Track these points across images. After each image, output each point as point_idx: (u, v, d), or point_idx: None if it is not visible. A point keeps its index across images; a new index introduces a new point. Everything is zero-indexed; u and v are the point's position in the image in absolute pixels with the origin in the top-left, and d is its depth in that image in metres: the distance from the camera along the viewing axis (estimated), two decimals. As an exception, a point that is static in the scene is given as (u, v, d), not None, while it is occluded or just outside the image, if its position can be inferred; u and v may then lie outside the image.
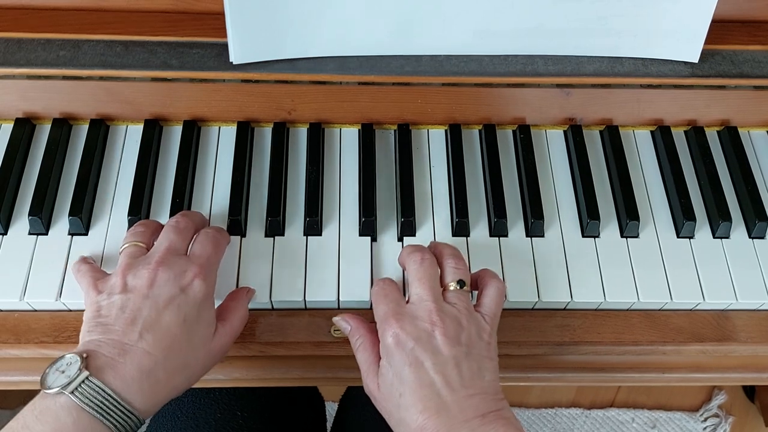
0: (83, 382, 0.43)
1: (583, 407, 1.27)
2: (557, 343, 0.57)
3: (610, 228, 0.61)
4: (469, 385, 0.46)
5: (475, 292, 0.54)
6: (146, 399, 0.45)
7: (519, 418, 1.23)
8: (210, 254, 0.52)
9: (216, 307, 0.53)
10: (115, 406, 0.43)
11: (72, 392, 0.43)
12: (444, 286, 0.51)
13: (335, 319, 0.54)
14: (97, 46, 0.59)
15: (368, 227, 0.59)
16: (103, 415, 0.43)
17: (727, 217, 0.61)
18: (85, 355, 0.44)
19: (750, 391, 1.30)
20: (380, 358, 0.49)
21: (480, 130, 0.66)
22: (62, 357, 0.45)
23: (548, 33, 0.60)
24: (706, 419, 1.28)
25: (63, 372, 0.44)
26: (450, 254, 0.52)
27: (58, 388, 0.43)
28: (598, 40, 0.60)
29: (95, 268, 0.53)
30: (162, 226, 0.54)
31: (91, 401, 0.43)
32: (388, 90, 0.62)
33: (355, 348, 0.52)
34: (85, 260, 0.54)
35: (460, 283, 0.51)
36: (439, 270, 0.52)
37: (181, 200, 0.59)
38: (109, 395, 0.43)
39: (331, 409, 0.83)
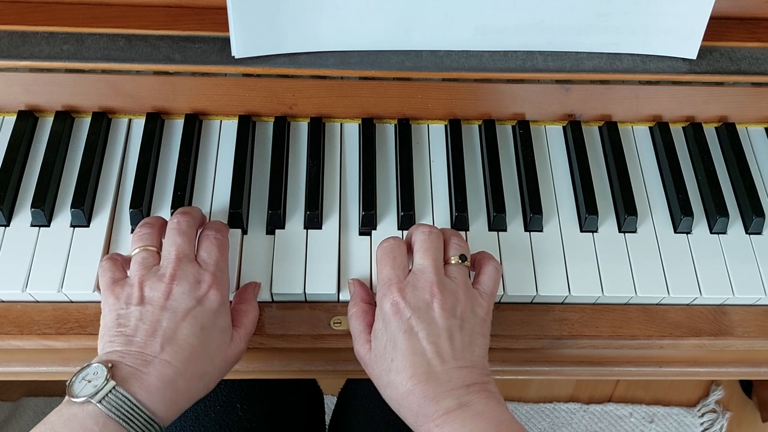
0: (110, 392, 0.44)
1: (581, 402, 1.28)
2: (555, 336, 0.58)
3: (608, 223, 0.62)
4: (459, 357, 0.48)
5: (473, 274, 0.55)
6: (167, 407, 0.47)
7: (517, 412, 1.24)
8: (218, 259, 0.52)
9: None
10: (139, 415, 0.45)
11: (99, 401, 0.44)
12: (446, 260, 0.53)
13: (348, 281, 0.56)
14: (100, 40, 0.60)
15: (368, 221, 0.59)
16: (128, 423, 0.44)
17: (724, 213, 0.61)
18: (110, 365, 0.46)
19: (747, 387, 1.30)
20: (371, 325, 0.52)
21: (480, 126, 0.67)
22: (88, 366, 0.46)
23: (548, 29, 0.60)
24: (703, 414, 1.29)
25: (90, 381, 0.45)
26: (454, 234, 0.55)
27: (85, 398, 0.44)
28: (598, 37, 0.61)
29: (114, 265, 0.52)
30: (165, 221, 0.54)
31: (118, 410, 0.44)
32: (388, 85, 0.62)
33: (349, 314, 0.54)
34: (110, 256, 0.54)
35: (462, 257, 0.53)
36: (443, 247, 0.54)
37: (183, 193, 0.60)
38: (134, 405, 0.45)
39: (330, 402, 0.83)
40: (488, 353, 0.51)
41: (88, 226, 0.59)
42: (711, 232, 0.62)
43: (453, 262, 0.52)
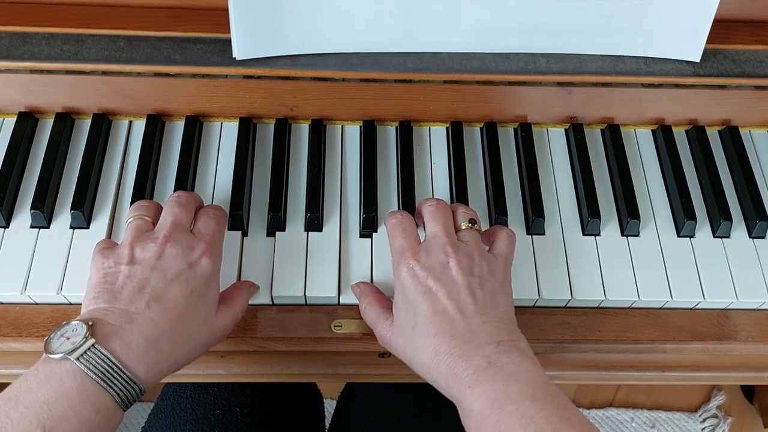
0: (89, 349, 0.43)
1: (582, 407, 1.27)
2: (558, 340, 0.57)
3: (610, 226, 0.61)
4: (483, 312, 0.48)
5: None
6: (149, 369, 0.45)
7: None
8: (214, 231, 0.52)
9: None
10: (118, 374, 0.43)
11: (77, 359, 0.43)
12: (456, 228, 0.53)
13: (352, 285, 0.56)
14: (100, 41, 0.59)
15: (369, 223, 0.59)
16: (106, 382, 0.43)
17: (727, 217, 0.61)
18: (90, 323, 0.44)
19: (749, 392, 1.30)
20: (386, 308, 0.52)
21: (481, 128, 0.66)
22: (67, 323, 0.45)
23: (551, 31, 0.60)
24: (704, 420, 1.28)
25: (68, 338, 0.44)
26: (460, 204, 0.55)
27: (62, 354, 0.43)
28: (601, 39, 0.61)
29: (110, 240, 0.53)
30: (162, 207, 0.54)
31: (96, 368, 0.43)
32: (390, 87, 0.62)
33: (363, 310, 0.54)
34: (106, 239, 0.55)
35: (471, 221, 0.53)
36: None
37: (183, 195, 0.59)
38: (113, 363, 0.43)
39: (330, 407, 0.83)
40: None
41: (87, 227, 0.58)
42: (714, 236, 0.61)
43: (464, 227, 0.52)
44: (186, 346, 0.48)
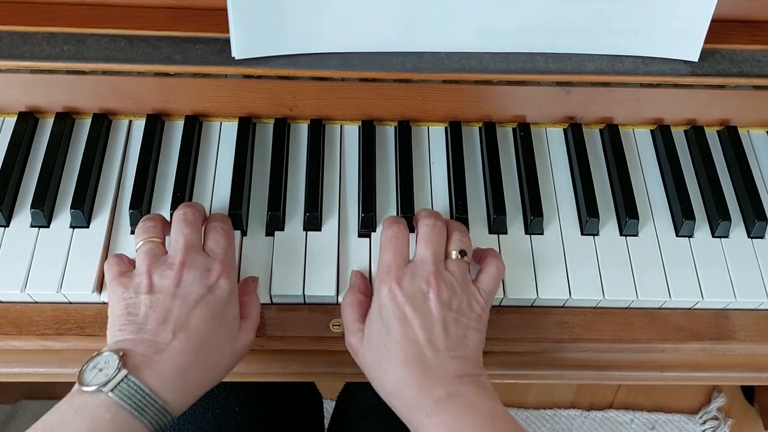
0: (122, 380, 0.44)
1: (581, 408, 1.27)
2: (556, 340, 0.58)
3: (609, 226, 0.61)
4: (452, 348, 0.48)
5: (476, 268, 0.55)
6: (179, 397, 0.46)
7: (517, 418, 1.23)
8: (226, 248, 0.52)
9: None
10: (151, 404, 0.44)
11: (111, 390, 0.43)
12: (446, 254, 0.53)
13: (352, 270, 0.56)
14: (101, 41, 0.60)
15: (368, 222, 0.59)
16: (140, 413, 0.44)
17: (726, 217, 0.61)
18: (121, 354, 0.45)
19: (749, 394, 1.29)
20: (364, 317, 0.52)
21: (480, 128, 0.66)
22: (99, 354, 0.45)
23: (550, 31, 0.60)
24: (705, 421, 1.28)
25: (101, 370, 0.44)
26: (457, 228, 0.55)
27: (96, 386, 0.44)
28: (599, 39, 0.61)
29: (120, 261, 0.52)
30: (166, 219, 0.54)
31: (130, 399, 0.44)
32: (389, 87, 0.62)
33: (343, 305, 0.54)
34: (116, 254, 0.54)
35: (462, 253, 0.53)
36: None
37: (182, 194, 0.59)
38: (146, 393, 0.44)
39: (329, 407, 0.83)
40: (489, 357, 0.51)
41: (87, 227, 0.58)
42: (713, 236, 0.61)
43: (453, 257, 0.52)
44: (212, 370, 0.49)
